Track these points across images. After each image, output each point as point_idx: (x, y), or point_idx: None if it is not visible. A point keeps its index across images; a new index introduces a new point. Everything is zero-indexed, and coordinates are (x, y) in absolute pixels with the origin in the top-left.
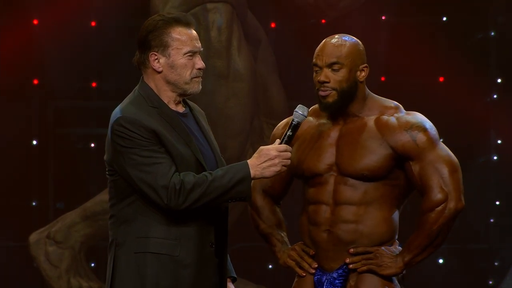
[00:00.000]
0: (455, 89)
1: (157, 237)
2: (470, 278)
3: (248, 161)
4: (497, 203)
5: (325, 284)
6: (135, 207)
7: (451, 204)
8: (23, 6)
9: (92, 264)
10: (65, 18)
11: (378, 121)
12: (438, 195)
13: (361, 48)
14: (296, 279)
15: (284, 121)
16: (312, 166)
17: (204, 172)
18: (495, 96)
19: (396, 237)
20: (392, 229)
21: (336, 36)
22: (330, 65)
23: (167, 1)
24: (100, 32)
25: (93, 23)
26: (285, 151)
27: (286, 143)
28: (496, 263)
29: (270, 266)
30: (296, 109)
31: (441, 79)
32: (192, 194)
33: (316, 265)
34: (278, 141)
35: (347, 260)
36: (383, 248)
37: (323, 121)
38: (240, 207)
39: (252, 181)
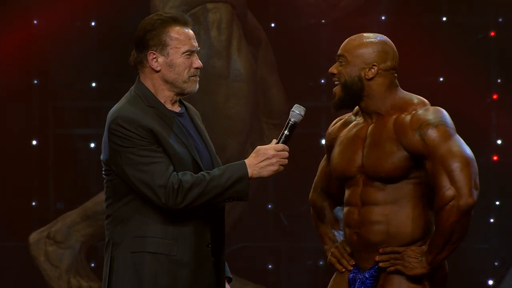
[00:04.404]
0: (455, 89)
1: (154, 237)
2: (470, 278)
3: (246, 160)
4: (497, 203)
5: (357, 282)
6: (132, 207)
7: (461, 201)
8: (23, 6)
9: (92, 264)
10: (65, 18)
11: (396, 121)
12: (447, 193)
13: (377, 48)
14: (335, 274)
15: (336, 121)
16: (344, 169)
17: (201, 172)
18: (495, 96)
19: (430, 235)
20: (422, 228)
21: (364, 34)
22: (338, 58)
23: (167, 1)
24: (100, 32)
25: (93, 23)
26: (283, 150)
27: (284, 142)
28: (496, 263)
29: (270, 266)
30: (292, 109)
31: (441, 79)
32: (190, 194)
33: (354, 263)
34: (275, 140)
35: (377, 258)
36: (411, 248)
37: (358, 120)
38: (240, 208)
39: (314, 182)
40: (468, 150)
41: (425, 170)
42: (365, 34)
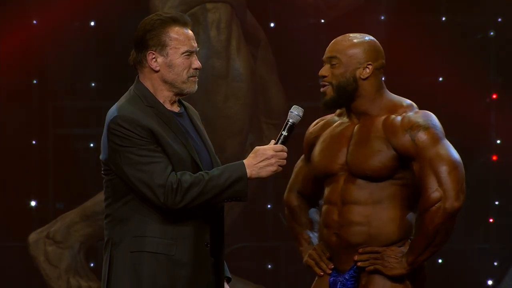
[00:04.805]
0: (455, 89)
1: (153, 236)
2: (470, 278)
3: (245, 160)
4: (497, 203)
5: (338, 285)
6: (131, 206)
7: (447, 204)
8: (23, 6)
9: (92, 264)
10: (65, 18)
11: (385, 121)
12: (433, 195)
13: (368, 47)
14: (316, 279)
15: (316, 121)
16: (326, 166)
17: (200, 172)
18: (495, 96)
19: (411, 237)
20: (402, 230)
21: (349, 34)
22: (329, 60)
23: (166, 1)
24: (99, 32)
25: (92, 23)
26: (282, 151)
27: (282, 143)
28: (496, 263)
29: (270, 266)
30: (291, 110)
31: (441, 79)
32: (189, 193)
33: (332, 266)
34: (273, 141)
35: (355, 257)
36: (391, 248)
37: (343, 120)
38: (239, 208)
39: (289, 182)
40: (456, 155)
41: (411, 171)
42: (351, 35)
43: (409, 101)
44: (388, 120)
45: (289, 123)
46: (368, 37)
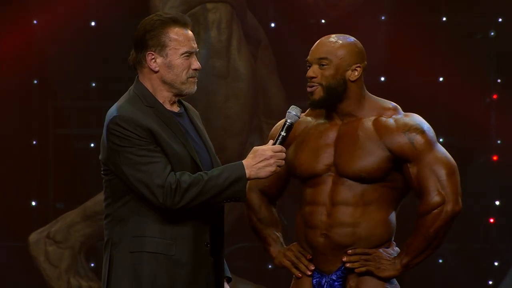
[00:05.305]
0: (455, 89)
1: (153, 236)
2: (470, 278)
3: (243, 161)
4: (497, 203)
5: (324, 286)
6: (130, 206)
7: (448, 207)
8: (23, 6)
9: (92, 264)
10: (65, 18)
11: (376, 123)
12: (435, 198)
13: (356, 48)
14: (293, 281)
15: (282, 121)
16: (310, 166)
17: (199, 172)
18: (494, 96)
19: (393, 238)
20: (389, 231)
21: (332, 35)
22: (318, 61)
23: (166, 1)
24: (100, 32)
25: (93, 23)
26: (280, 151)
27: (280, 143)
28: (496, 263)
29: (270, 266)
30: (289, 110)
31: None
32: (188, 194)
33: (313, 267)
34: (271, 141)
35: (344, 259)
36: (381, 250)
37: (321, 121)
38: (240, 207)
39: (249, 181)
40: (452, 158)
41: (405, 173)
42: (335, 36)
43: (393, 104)
44: (379, 122)
45: (287, 123)
46: (351, 39)
